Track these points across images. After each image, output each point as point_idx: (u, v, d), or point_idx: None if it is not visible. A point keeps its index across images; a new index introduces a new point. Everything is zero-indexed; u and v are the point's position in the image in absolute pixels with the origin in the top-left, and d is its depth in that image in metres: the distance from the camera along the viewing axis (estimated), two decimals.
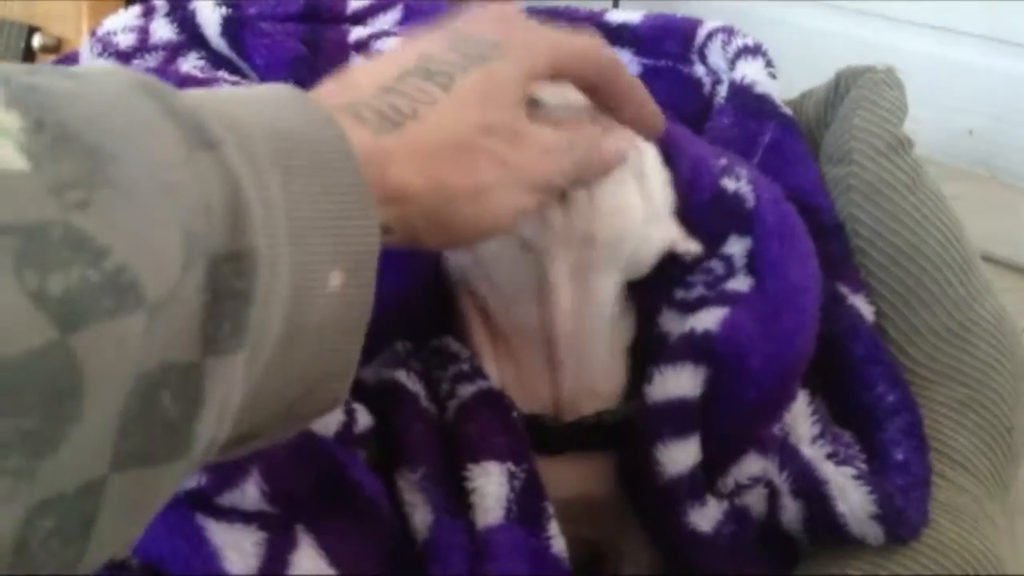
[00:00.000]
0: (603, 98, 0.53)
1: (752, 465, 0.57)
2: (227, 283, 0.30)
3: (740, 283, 0.59)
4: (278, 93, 0.38)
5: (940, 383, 0.64)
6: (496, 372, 0.59)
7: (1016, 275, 1.02)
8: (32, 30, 1.30)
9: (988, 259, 0.93)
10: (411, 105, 0.43)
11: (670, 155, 0.62)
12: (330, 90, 0.44)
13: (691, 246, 0.60)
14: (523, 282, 0.56)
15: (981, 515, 0.60)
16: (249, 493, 0.48)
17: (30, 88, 0.29)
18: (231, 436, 0.34)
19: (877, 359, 0.62)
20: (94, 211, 0.27)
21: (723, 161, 0.62)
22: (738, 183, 0.61)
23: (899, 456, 0.59)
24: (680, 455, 0.55)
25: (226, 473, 0.48)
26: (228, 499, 0.48)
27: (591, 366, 0.59)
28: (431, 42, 0.47)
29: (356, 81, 0.44)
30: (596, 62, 0.52)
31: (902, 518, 0.55)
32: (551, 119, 0.50)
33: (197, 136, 0.31)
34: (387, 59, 0.46)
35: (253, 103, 0.36)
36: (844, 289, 0.65)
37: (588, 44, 0.52)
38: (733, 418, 0.56)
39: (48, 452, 0.26)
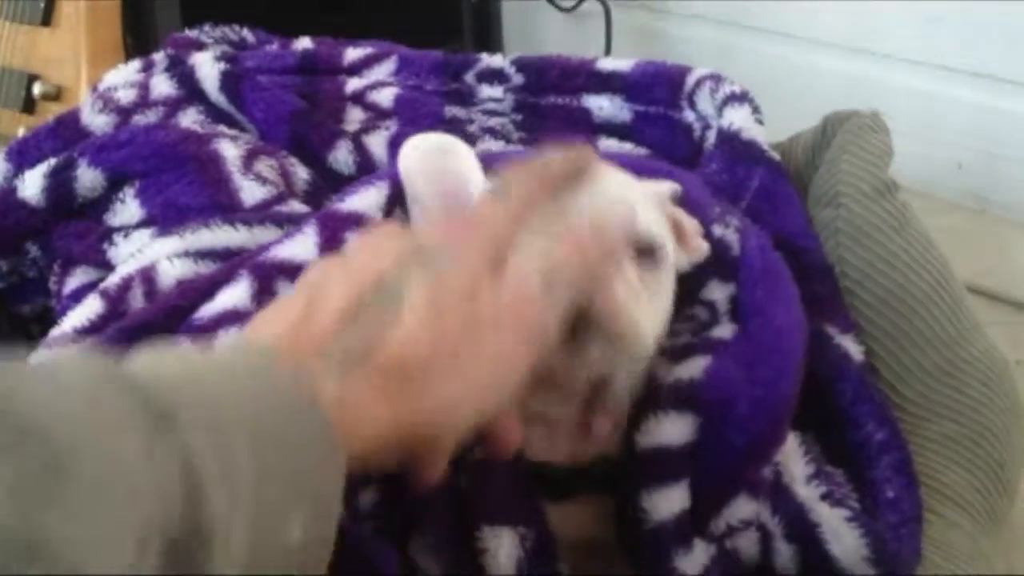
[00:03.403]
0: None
1: (743, 508, 0.57)
2: (183, 566, 0.32)
3: (724, 330, 0.60)
4: (248, 359, 0.39)
5: (932, 420, 0.65)
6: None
7: (1006, 308, 1.03)
8: (32, 78, 1.31)
9: (978, 292, 0.94)
10: (372, 335, 0.43)
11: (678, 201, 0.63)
12: (294, 325, 0.44)
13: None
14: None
15: (975, 551, 0.61)
16: None
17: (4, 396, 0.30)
18: None
19: (865, 398, 0.63)
20: (53, 510, 0.28)
21: (717, 209, 0.63)
22: (725, 230, 0.62)
23: (890, 493, 0.59)
24: (663, 503, 0.56)
25: None
26: None
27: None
28: (386, 256, 0.47)
29: (319, 312, 0.44)
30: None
31: (896, 560, 0.56)
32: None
33: (161, 422, 0.33)
34: (348, 277, 0.46)
35: (225, 376, 0.38)
36: (831, 330, 0.66)
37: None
38: (722, 462, 0.57)
39: None
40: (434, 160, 0.61)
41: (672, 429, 0.56)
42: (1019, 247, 1.19)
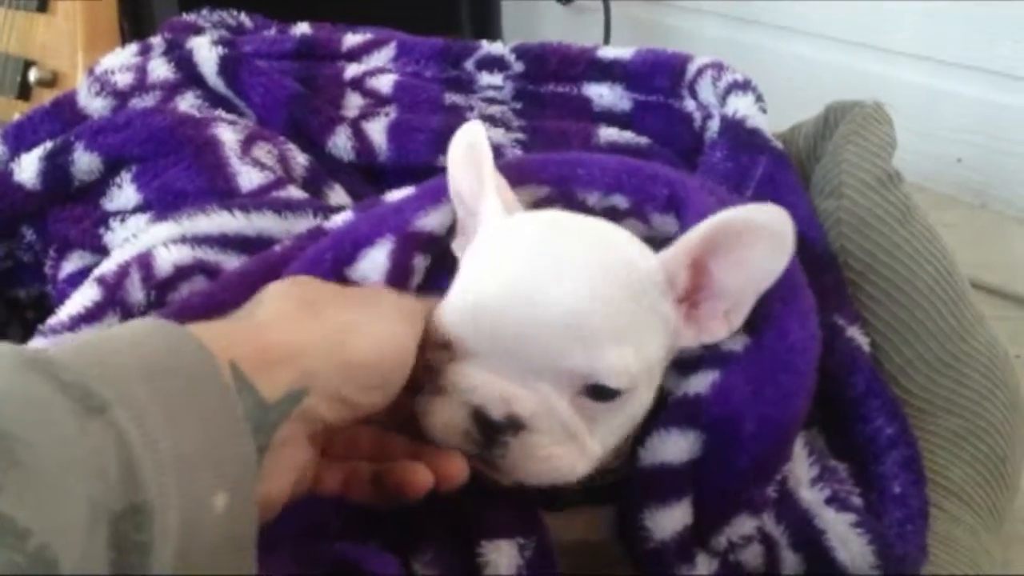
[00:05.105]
0: None
1: (744, 526, 0.56)
2: (128, 538, 0.33)
3: (736, 342, 0.57)
4: (145, 328, 0.41)
5: (934, 414, 0.65)
6: None
7: (1007, 302, 1.03)
8: (28, 64, 1.30)
9: (979, 286, 0.94)
10: (247, 310, 0.48)
11: (678, 210, 0.61)
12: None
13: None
14: None
15: (977, 546, 0.61)
16: None
17: None
18: None
19: (876, 392, 0.62)
20: (8, 492, 0.30)
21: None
22: None
23: (897, 489, 0.59)
24: (664, 522, 0.55)
25: None
26: None
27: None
28: None
29: None
30: None
31: (903, 563, 0.55)
32: None
33: (87, 404, 0.34)
34: None
35: (128, 344, 0.39)
36: (841, 321, 0.65)
37: None
38: (725, 481, 0.56)
39: None
40: (464, 151, 0.61)
41: (675, 446, 0.56)
42: (1018, 241, 1.19)
